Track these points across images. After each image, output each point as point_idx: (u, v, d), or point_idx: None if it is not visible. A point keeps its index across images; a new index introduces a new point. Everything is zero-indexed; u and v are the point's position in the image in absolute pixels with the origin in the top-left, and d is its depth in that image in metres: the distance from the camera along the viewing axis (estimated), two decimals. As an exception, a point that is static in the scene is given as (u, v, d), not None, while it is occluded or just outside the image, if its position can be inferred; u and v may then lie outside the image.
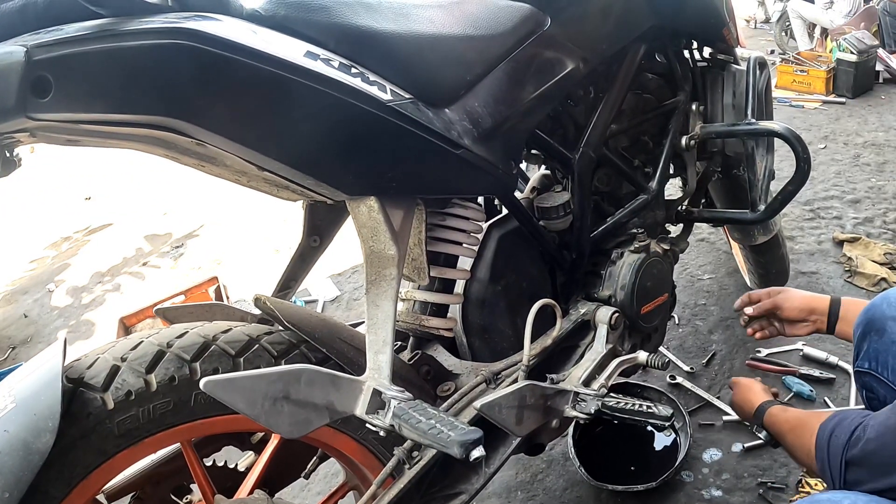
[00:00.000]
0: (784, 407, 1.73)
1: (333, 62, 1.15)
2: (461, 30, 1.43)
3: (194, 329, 1.34)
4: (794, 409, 1.69)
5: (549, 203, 1.68)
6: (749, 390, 1.87)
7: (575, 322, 1.76)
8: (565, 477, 2.30)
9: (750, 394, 1.85)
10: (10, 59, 0.87)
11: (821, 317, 1.89)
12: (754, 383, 1.90)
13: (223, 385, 1.05)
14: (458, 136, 1.35)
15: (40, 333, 4.35)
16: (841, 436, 1.32)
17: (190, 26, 0.97)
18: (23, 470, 1.06)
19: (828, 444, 1.34)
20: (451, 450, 1.08)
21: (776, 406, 1.74)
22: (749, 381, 1.93)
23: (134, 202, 6.24)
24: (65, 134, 1.07)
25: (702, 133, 2.08)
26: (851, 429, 1.30)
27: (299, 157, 1.15)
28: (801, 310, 1.93)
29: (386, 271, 1.28)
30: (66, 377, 1.19)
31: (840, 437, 1.32)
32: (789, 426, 1.60)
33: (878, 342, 1.49)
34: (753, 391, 1.86)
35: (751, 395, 1.84)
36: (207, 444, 1.64)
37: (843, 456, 1.29)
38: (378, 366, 1.23)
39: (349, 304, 3.75)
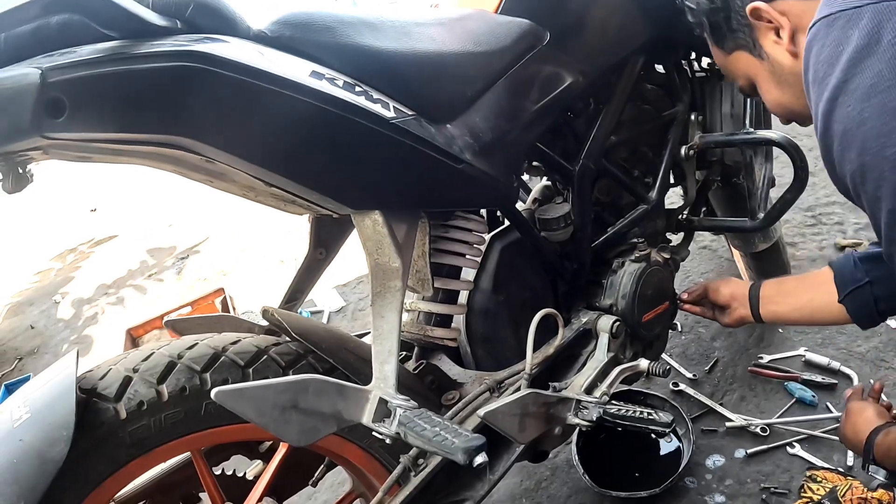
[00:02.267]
0: (888, 430, 1.56)
1: (338, 81, 1.18)
2: (462, 46, 1.46)
3: (204, 340, 1.36)
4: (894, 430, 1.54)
5: (550, 214, 1.71)
6: (859, 415, 1.67)
7: (577, 331, 1.78)
8: (569, 484, 2.32)
9: (860, 420, 1.65)
10: (26, 80, 0.90)
11: (742, 302, 1.91)
12: (866, 406, 1.68)
13: (233, 395, 1.08)
14: (460, 150, 1.38)
15: (47, 345, 4.37)
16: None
17: (199, 49, 1.00)
18: (38, 478, 1.09)
19: None
20: (455, 456, 1.11)
21: (881, 434, 1.56)
22: (860, 404, 1.71)
23: (139, 214, 6.24)
24: (76, 151, 1.09)
25: (701, 143, 2.09)
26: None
27: (305, 173, 1.18)
28: (724, 294, 1.96)
29: (391, 283, 1.30)
30: (80, 388, 1.21)
31: None
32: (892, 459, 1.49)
33: None
34: (864, 417, 1.65)
35: (860, 423, 1.65)
36: (216, 453, 1.66)
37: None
38: (384, 375, 1.25)
39: (354, 315, 3.76)
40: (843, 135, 1.00)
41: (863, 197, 1.02)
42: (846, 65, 0.98)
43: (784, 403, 2.41)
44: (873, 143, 0.95)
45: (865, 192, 1.01)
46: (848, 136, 0.99)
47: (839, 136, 1.01)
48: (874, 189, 0.98)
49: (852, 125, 0.98)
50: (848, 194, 1.07)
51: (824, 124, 1.03)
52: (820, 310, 1.76)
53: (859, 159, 0.98)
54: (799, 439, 2.27)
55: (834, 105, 1.00)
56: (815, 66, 1.06)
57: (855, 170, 1.00)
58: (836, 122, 1.01)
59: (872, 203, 1.00)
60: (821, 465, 2.16)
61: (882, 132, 0.93)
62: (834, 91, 1.00)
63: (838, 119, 1.00)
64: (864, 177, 0.99)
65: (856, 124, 0.97)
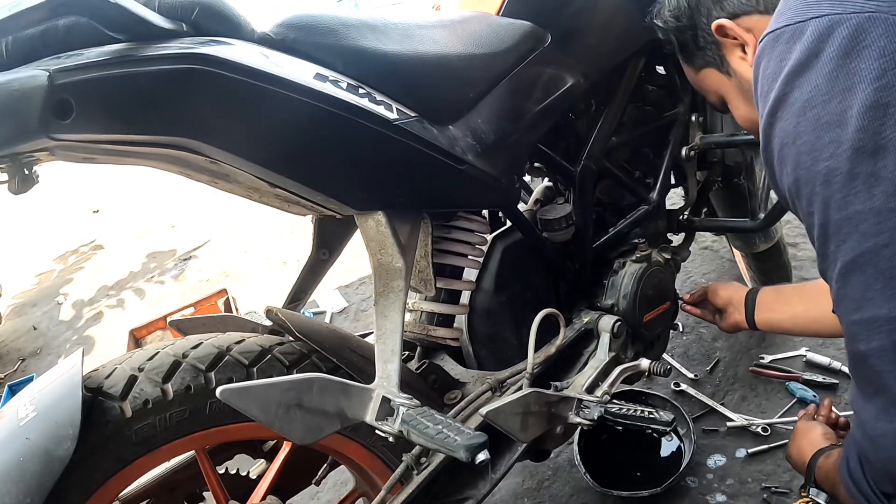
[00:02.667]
0: (829, 453, 1.45)
1: (342, 83, 1.20)
2: (464, 49, 1.47)
3: (209, 340, 1.37)
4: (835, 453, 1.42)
5: (551, 215, 1.72)
6: (804, 436, 1.58)
7: (578, 331, 1.79)
8: (571, 484, 2.32)
9: (804, 442, 1.56)
10: (34, 82, 0.91)
11: (738, 306, 1.92)
12: (814, 427, 1.58)
13: (239, 393, 1.08)
14: (462, 152, 1.39)
15: (49, 346, 4.37)
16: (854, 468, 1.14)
17: (205, 51, 1.01)
18: (44, 476, 1.10)
19: (855, 488, 1.15)
20: (457, 453, 1.11)
21: (822, 458, 1.45)
22: (808, 424, 1.61)
23: (141, 215, 6.24)
24: (82, 153, 1.10)
25: (702, 143, 2.09)
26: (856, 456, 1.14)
27: (309, 174, 1.19)
28: (721, 298, 1.98)
29: (394, 283, 1.31)
30: (85, 387, 1.22)
31: (856, 472, 1.14)
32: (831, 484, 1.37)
33: None
34: (809, 438, 1.55)
35: (804, 444, 1.55)
36: (220, 451, 1.67)
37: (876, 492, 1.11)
38: (387, 374, 1.26)
39: (357, 315, 3.76)
40: (781, 149, 1.00)
41: (799, 212, 1.03)
42: (785, 79, 0.98)
43: (785, 403, 2.42)
44: (806, 158, 0.95)
45: (801, 207, 1.01)
46: (784, 151, 0.99)
47: (777, 150, 1.01)
48: (807, 204, 0.98)
49: (788, 140, 0.98)
50: (788, 206, 1.07)
51: (765, 139, 1.04)
52: (815, 321, 1.76)
53: (794, 174, 0.98)
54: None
55: (773, 119, 1.01)
56: (761, 80, 1.06)
57: (790, 184, 1.00)
58: (775, 137, 1.01)
59: (806, 218, 1.01)
60: (822, 464, 2.15)
61: (815, 147, 0.93)
62: (773, 105, 1.00)
63: (777, 133, 1.00)
64: (798, 192, 0.99)
65: (791, 139, 0.97)
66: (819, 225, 0.97)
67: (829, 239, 0.97)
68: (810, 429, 1.59)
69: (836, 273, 0.98)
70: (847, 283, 0.97)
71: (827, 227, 0.96)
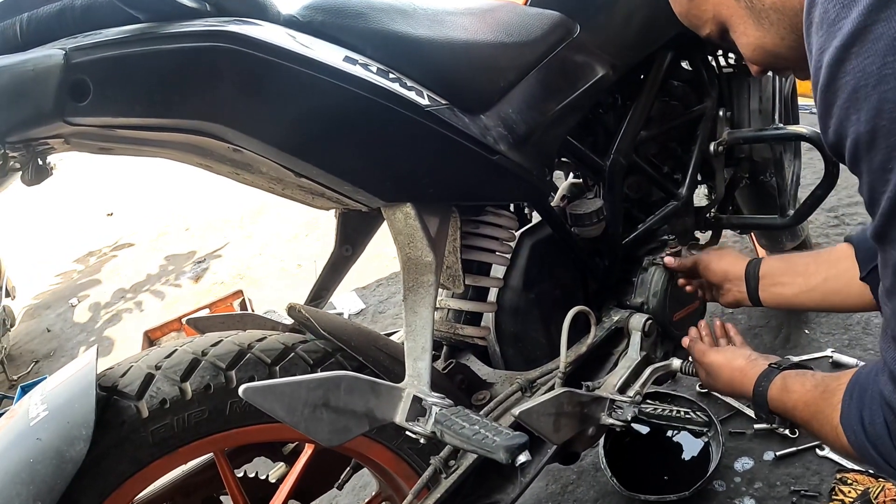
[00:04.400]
0: (784, 381, 1.35)
1: (371, 67, 1.16)
2: (494, 37, 1.44)
3: (229, 338, 1.33)
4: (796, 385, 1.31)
5: (582, 210, 1.68)
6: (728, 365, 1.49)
7: (608, 329, 1.75)
8: (596, 488, 2.28)
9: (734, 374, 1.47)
10: (49, 61, 0.88)
11: (736, 282, 1.70)
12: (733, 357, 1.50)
13: (263, 392, 1.05)
14: (494, 141, 1.35)
15: (63, 348, 4.38)
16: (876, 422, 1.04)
17: (231, 29, 0.97)
18: (56, 478, 1.06)
19: (871, 446, 1.06)
20: (496, 455, 1.07)
21: (774, 386, 1.36)
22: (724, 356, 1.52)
23: (155, 218, 6.26)
24: (99, 141, 1.07)
25: (729, 139, 2.06)
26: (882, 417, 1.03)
27: (338, 162, 1.15)
28: (715, 272, 1.76)
29: (423, 278, 1.27)
30: (100, 385, 1.19)
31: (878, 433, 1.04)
32: (802, 418, 1.28)
33: None
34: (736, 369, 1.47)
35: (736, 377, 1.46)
36: (239, 454, 1.64)
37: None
38: (417, 373, 1.22)
39: (374, 317, 3.74)
40: (855, 91, 0.84)
41: (863, 164, 0.88)
42: (868, 8, 0.81)
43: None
44: (891, 107, 0.80)
45: (870, 161, 0.86)
46: (860, 94, 0.83)
47: (848, 91, 0.85)
48: (884, 160, 0.84)
49: (868, 81, 0.82)
50: (839, 156, 0.93)
51: (829, 75, 0.88)
52: (837, 291, 1.54)
53: (871, 122, 0.83)
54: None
55: (846, 55, 0.84)
56: (824, 2, 0.88)
57: (861, 133, 0.85)
58: (847, 75, 0.85)
59: (877, 174, 0.86)
60: (851, 467, 2.11)
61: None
62: (849, 38, 0.83)
63: (850, 71, 0.84)
64: (872, 143, 0.85)
65: (873, 81, 0.81)
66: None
67: None
68: (732, 357, 1.50)
69: None
70: None
71: None
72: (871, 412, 1.05)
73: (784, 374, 1.36)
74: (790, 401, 1.31)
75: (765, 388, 1.37)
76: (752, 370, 1.42)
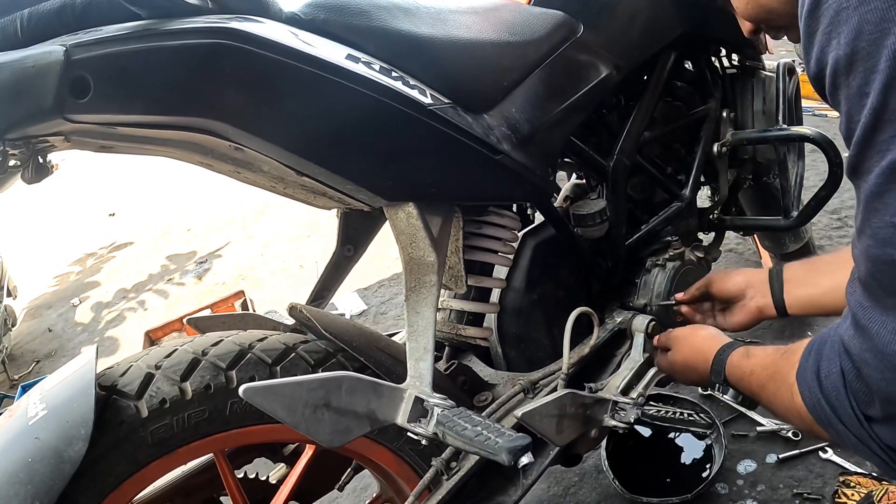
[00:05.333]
0: (746, 349, 1.33)
1: (374, 65, 1.15)
2: (497, 36, 1.43)
3: (229, 337, 1.32)
4: (758, 351, 1.29)
5: (585, 210, 1.67)
6: (692, 336, 1.49)
7: (611, 331, 1.75)
8: (598, 490, 2.27)
9: (697, 341, 1.47)
10: (49, 58, 0.88)
11: (760, 289, 1.60)
12: (698, 328, 1.51)
13: (263, 392, 1.04)
14: (497, 141, 1.34)
15: (64, 348, 4.38)
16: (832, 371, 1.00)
17: (233, 26, 0.97)
18: (54, 478, 1.05)
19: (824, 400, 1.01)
20: (498, 456, 1.07)
21: (736, 353, 1.34)
22: (689, 328, 1.53)
23: (157, 219, 6.26)
24: (99, 139, 1.06)
25: (733, 140, 2.06)
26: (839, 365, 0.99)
27: (340, 160, 1.14)
28: (734, 284, 1.66)
29: (426, 278, 1.27)
30: (99, 385, 1.18)
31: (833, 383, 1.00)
32: (759, 381, 1.24)
33: None
34: (700, 338, 1.47)
35: (698, 344, 1.46)
36: (239, 455, 1.63)
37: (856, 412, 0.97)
38: (419, 373, 1.22)
39: (376, 318, 3.74)
40: (836, 14, 0.81)
41: (841, 91, 0.84)
42: None
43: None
44: (871, 28, 0.77)
45: (848, 86, 0.83)
46: (841, 16, 0.80)
47: (830, 14, 0.82)
48: (861, 82, 0.80)
49: (850, 3, 0.79)
50: (821, 88, 0.89)
51: (813, 1, 0.85)
52: None
53: (851, 45, 0.80)
54: (832, 444, 2.20)
55: None
56: None
57: (841, 57, 0.82)
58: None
59: (854, 99, 0.82)
60: (854, 469, 2.11)
61: (887, 16, 0.76)
62: None
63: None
64: (851, 66, 0.81)
65: (855, 3, 0.78)
66: (872, 109, 0.80)
67: (882, 126, 0.80)
68: (699, 328, 1.49)
69: (881, 166, 0.81)
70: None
71: (882, 112, 0.79)
72: (829, 362, 1.01)
73: (748, 346, 1.33)
74: (748, 365, 1.28)
75: (726, 355, 1.35)
76: (717, 340, 1.41)
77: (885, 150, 0.80)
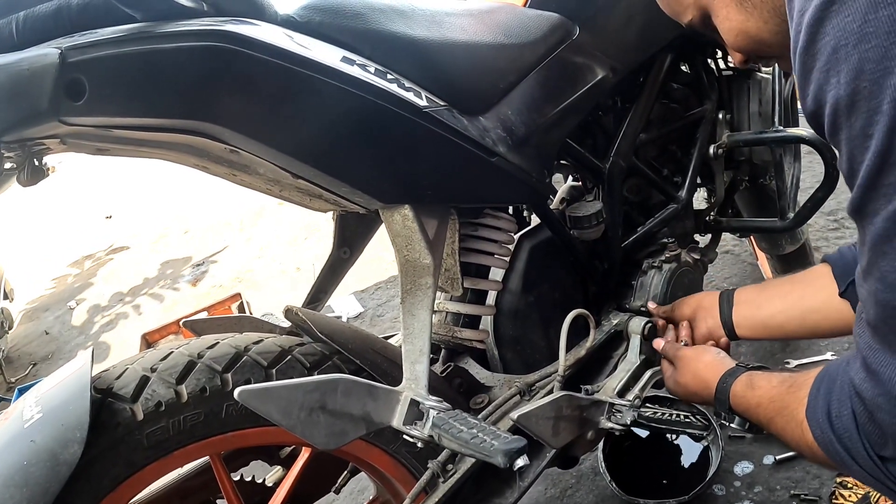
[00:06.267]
0: (749, 378, 1.31)
1: (369, 68, 1.15)
2: (493, 38, 1.43)
3: (225, 340, 1.32)
4: (762, 381, 1.28)
5: (582, 212, 1.66)
6: (697, 360, 1.47)
7: (608, 333, 1.75)
8: (595, 492, 2.27)
9: (699, 367, 1.45)
10: (45, 60, 0.88)
11: (710, 310, 1.63)
12: (702, 352, 1.49)
13: (258, 394, 1.04)
14: (493, 143, 1.34)
15: (61, 350, 4.38)
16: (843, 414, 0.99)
17: (228, 29, 0.97)
18: (49, 481, 1.05)
19: (837, 441, 1.00)
20: (494, 459, 1.06)
21: (739, 382, 1.33)
22: (694, 350, 1.52)
23: (154, 221, 6.26)
24: (95, 141, 1.06)
25: (729, 141, 2.05)
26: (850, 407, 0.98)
27: (335, 163, 1.14)
28: (688, 306, 1.69)
29: (421, 280, 1.26)
30: (95, 387, 1.18)
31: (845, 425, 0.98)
32: (766, 415, 1.23)
33: None
34: (703, 363, 1.45)
35: (700, 371, 1.44)
36: (236, 458, 1.63)
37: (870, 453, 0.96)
38: (415, 376, 1.21)
39: (373, 321, 3.73)
40: (835, 52, 0.78)
41: (842, 131, 0.81)
42: None
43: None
44: (873, 67, 0.74)
45: (849, 127, 0.80)
46: (840, 54, 0.78)
47: (828, 52, 0.79)
48: (864, 124, 0.78)
49: (848, 41, 0.76)
50: (818, 127, 0.86)
51: (809, 37, 0.81)
52: (815, 309, 1.46)
53: (851, 84, 0.77)
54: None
55: (826, 14, 0.78)
56: None
57: (841, 97, 0.79)
58: (826, 35, 0.79)
59: (856, 141, 0.80)
60: (852, 471, 2.09)
61: (888, 54, 0.73)
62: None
63: (830, 31, 0.78)
64: (852, 107, 0.78)
65: (854, 40, 0.75)
66: (877, 152, 0.78)
67: (888, 170, 0.78)
68: (702, 352, 1.48)
69: (888, 210, 0.80)
70: None
71: (888, 155, 0.77)
72: (840, 403, 1.00)
73: (751, 373, 1.32)
74: (754, 398, 1.27)
75: (728, 384, 1.34)
76: (719, 366, 1.39)
77: (892, 193, 0.79)
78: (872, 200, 0.81)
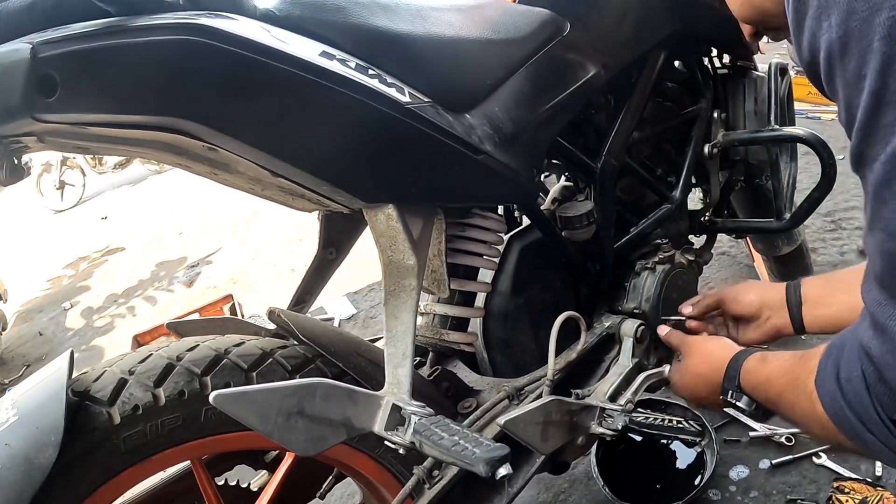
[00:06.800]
0: (763, 354, 1.29)
1: (350, 63, 1.12)
2: (480, 33, 1.41)
3: (205, 342, 1.30)
4: (775, 357, 1.25)
5: (572, 212, 1.64)
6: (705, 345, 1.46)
7: (599, 336, 1.72)
8: (588, 497, 2.25)
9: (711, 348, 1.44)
10: (16, 56, 0.85)
11: (777, 309, 1.56)
12: (712, 337, 1.50)
13: (234, 399, 1.01)
14: (479, 141, 1.31)
15: (55, 352, 4.39)
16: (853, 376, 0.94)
17: (203, 22, 0.93)
18: (24, 486, 1.03)
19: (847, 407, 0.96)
20: (475, 468, 1.04)
21: (752, 358, 1.31)
22: (703, 337, 1.53)
23: (149, 223, 6.26)
24: (73, 139, 1.04)
25: (724, 141, 2.04)
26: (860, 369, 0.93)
27: (315, 161, 1.11)
28: (749, 303, 1.62)
29: (405, 282, 1.23)
30: (72, 390, 1.16)
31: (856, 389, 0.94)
32: (776, 390, 1.20)
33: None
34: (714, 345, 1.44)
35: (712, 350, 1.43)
36: (219, 462, 1.60)
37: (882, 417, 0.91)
38: (397, 380, 1.19)
39: (365, 322, 3.73)
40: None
41: (837, 77, 0.81)
42: None
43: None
44: (862, 6, 0.73)
45: (843, 70, 0.79)
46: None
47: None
48: (857, 65, 0.76)
49: None
50: (816, 77, 0.85)
51: None
52: None
53: (842, 26, 0.76)
54: (825, 449, 2.19)
55: None
56: None
57: (834, 40, 0.78)
58: None
59: (851, 84, 0.79)
60: (848, 475, 2.09)
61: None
62: None
63: None
64: (844, 48, 0.77)
65: None
66: (871, 92, 0.76)
67: (883, 109, 0.76)
68: (714, 338, 1.47)
69: (886, 153, 0.78)
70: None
71: (883, 94, 0.75)
72: (849, 367, 0.96)
73: (764, 352, 1.30)
74: (765, 371, 1.25)
75: (741, 360, 1.32)
76: (730, 348, 1.38)
77: (889, 134, 0.76)
78: (871, 145, 0.79)
